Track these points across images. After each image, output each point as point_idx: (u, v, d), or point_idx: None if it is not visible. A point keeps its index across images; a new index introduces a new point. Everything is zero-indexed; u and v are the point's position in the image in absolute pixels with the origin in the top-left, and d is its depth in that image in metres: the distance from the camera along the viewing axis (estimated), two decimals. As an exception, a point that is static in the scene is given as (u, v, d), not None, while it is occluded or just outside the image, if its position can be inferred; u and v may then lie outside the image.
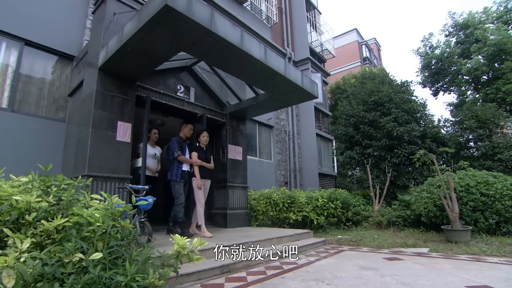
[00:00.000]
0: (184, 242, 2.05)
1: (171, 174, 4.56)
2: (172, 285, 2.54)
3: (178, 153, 4.56)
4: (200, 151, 4.85)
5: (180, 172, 4.55)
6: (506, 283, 2.53)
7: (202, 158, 4.81)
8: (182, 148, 4.67)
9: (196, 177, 4.63)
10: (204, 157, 4.85)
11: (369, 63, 27.04)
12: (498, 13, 12.61)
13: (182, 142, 4.76)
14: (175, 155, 4.55)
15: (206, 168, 4.86)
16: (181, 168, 4.57)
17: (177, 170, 4.55)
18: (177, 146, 4.61)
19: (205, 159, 4.86)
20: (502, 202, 5.02)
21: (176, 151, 4.56)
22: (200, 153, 4.81)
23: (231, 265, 3.15)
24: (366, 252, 4.41)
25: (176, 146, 4.60)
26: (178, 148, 4.59)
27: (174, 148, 4.58)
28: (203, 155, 4.86)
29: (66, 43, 5.78)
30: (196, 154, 4.74)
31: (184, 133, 4.89)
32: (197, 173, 4.66)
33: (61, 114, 5.69)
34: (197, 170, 4.66)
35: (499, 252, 3.90)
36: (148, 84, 5.18)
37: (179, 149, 4.61)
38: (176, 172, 4.55)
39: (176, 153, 4.55)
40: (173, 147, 4.59)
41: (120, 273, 1.89)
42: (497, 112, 8.77)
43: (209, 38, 3.53)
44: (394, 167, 7.95)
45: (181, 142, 4.71)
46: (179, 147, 4.63)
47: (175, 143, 4.62)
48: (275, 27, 12.22)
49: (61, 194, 2.45)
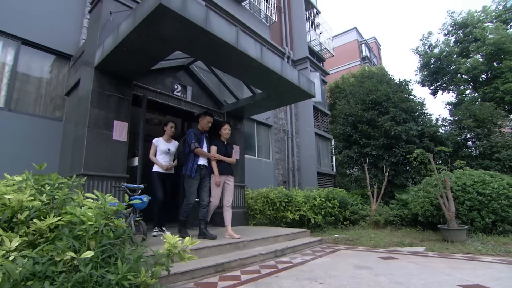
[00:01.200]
0: (175, 241, 2.06)
1: (186, 169, 4.21)
2: (165, 284, 2.54)
3: (195, 145, 4.17)
4: (220, 144, 4.53)
5: (195, 167, 4.16)
6: (498, 282, 2.53)
7: (222, 152, 4.48)
8: (199, 140, 4.30)
9: (215, 174, 4.31)
10: (224, 151, 4.51)
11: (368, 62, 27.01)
12: (497, 12, 12.60)
13: (200, 134, 4.39)
14: (192, 147, 4.17)
15: (226, 163, 4.50)
16: (196, 162, 4.19)
17: (192, 164, 4.16)
18: (194, 138, 4.25)
19: (226, 153, 4.52)
20: (498, 201, 5.02)
21: (193, 143, 4.18)
22: (220, 147, 4.49)
23: (225, 264, 3.15)
24: (362, 251, 4.41)
25: (193, 138, 4.24)
26: (195, 140, 4.23)
27: (191, 140, 4.23)
28: (224, 149, 4.53)
29: (63, 42, 5.78)
30: (215, 148, 4.42)
31: (201, 125, 4.50)
32: (215, 169, 4.33)
33: (58, 113, 5.69)
34: (215, 166, 4.34)
35: (494, 251, 3.91)
36: (145, 83, 5.18)
37: (196, 141, 4.25)
38: (191, 166, 4.16)
39: (193, 145, 4.17)
40: (189, 139, 4.24)
41: (111, 271, 1.90)
42: (495, 111, 8.78)
43: (205, 37, 3.54)
44: (392, 166, 7.96)
45: (198, 134, 4.35)
46: (196, 139, 4.27)
47: (192, 135, 4.27)
48: (273, 26, 12.22)
49: (54, 193, 2.45)
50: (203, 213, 4.16)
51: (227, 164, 4.51)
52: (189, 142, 4.22)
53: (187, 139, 4.29)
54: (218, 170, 4.35)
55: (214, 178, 4.34)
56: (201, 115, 4.58)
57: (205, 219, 4.16)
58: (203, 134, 4.45)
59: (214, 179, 4.32)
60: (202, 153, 4.26)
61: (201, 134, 4.40)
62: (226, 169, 4.49)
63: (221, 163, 4.42)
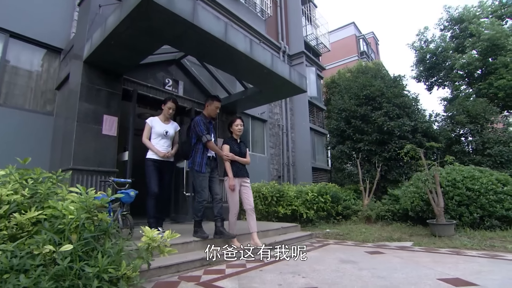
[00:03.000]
0: (154, 234, 2.07)
1: (192, 162, 3.70)
2: (149, 277, 2.57)
3: (207, 137, 3.63)
4: (232, 143, 3.96)
5: (205, 161, 3.66)
6: (477, 276, 2.57)
7: (236, 151, 3.90)
8: (209, 130, 3.76)
9: (229, 176, 3.76)
10: (237, 150, 3.94)
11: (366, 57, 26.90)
12: (493, 8, 12.58)
13: (208, 123, 3.84)
14: (203, 140, 3.63)
15: (241, 163, 3.94)
16: (206, 155, 3.69)
17: (201, 158, 3.65)
18: (204, 128, 3.68)
19: (239, 152, 3.95)
20: (486, 196, 5.07)
21: (205, 135, 3.63)
22: (232, 146, 3.92)
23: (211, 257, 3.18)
24: (350, 246, 4.46)
25: (203, 128, 3.65)
26: (206, 131, 3.67)
27: (201, 130, 3.64)
28: (237, 148, 3.96)
29: (53, 35, 5.72)
30: (227, 147, 3.87)
31: (208, 111, 3.91)
32: (229, 171, 3.77)
33: (49, 108, 5.66)
34: (229, 167, 3.78)
35: (479, 246, 3.96)
36: (135, 77, 5.16)
37: (208, 132, 3.70)
38: (200, 160, 3.64)
39: (205, 137, 3.63)
40: (199, 130, 3.65)
41: (91, 264, 1.91)
42: (487, 107, 8.81)
43: (192, 31, 3.52)
44: (385, 162, 7.99)
45: (206, 123, 3.78)
46: (206, 129, 3.71)
47: (201, 124, 3.68)
48: (269, 20, 12.14)
49: (38, 187, 2.46)
50: (219, 209, 3.68)
51: (241, 165, 3.95)
52: (198, 133, 3.67)
53: (195, 129, 3.71)
54: (232, 172, 3.80)
55: (226, 182, 3.82)
56: (208, 99, 4.00)
57: (222, 215, 3.68)
58: (211, 122, 3.94)
59: (228, 183, 3.77)
60: (215, 148, 3.75)
61: (209, 122, 3.87)
62: (242, 170, 3.93)
63: (235, 164, 3.87)
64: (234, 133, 4.05)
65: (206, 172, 3.66)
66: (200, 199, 3.66)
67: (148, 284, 2.42)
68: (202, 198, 3.65)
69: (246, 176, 3.98)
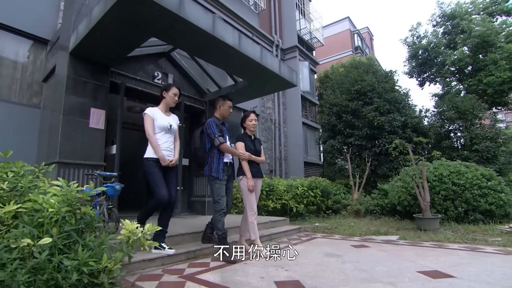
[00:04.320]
0: (133, 227, 2.08)
1: (209, 169, 3.38)
2: (133, 270, 2.58)
3: (219, 140, 3.33)
4: (247, 140, 3.64)
5: (222, 166, 3.36)
6: (455, 268, 2.64)
7: (251, 149, 3.58)
8: (222, 132, 3.47)
9: (247, 176, 3.43)
10: (252, 148, 3.61)
11: (360, 52, 26.93)
12: (485, 4, 12.66)
13: (221, 124, 3.54)
14: (216, 142, 3.32)
15: (257, 163, 3.64)
16: (222, 160, 3.38)
17: (217, 164, 3.35)
18: (217, 130, 3.39)
19: (255, 150, 3.62)
20: (471, 191, 5.17)
21: (217, 137, 3.33)
22: (247, 143, 3.60)
23: (197, 251, 3.20)
24: (337, 239, 4.52)
25: (215, 131, 3.36)
26: (218, 133, 3.38)
27: (213, 133, 3.35)
28: (252, 145, 3.62)
29: (40, 26, 5.60)
30: (242, 145, 3.55)
31: (221, 112, 3.59)
32: (247, 171, 3.45)
33: (36, 100, 5.57)
34: (247, 167, 3.46)
35: (461, 239, 4.05)
36: (124, 70, 5.10)
37: (220, 135, 3.41)
38: (217, 166, 3.35)
39: (217, 140, 3.32)
40: (212, 132, 3.36)
41: (71, 257, 1.91)
42: (476, 104, 8.93)
43: (179, 24, 3.48)
44: (375, 157, 8.07)
45: (219, 125, 3.48)
46: (219, 131, 3.42)
47: (213, 127, 3.38)
48: (262, 14, 12.04)
49: (18, 180, 2.43)
50: (215, 221, 3.33)
51: (257, 165, 3.66)
52: (211, 136, 3.37)
53: (207, 132, 3.41)
54: None
55: (243, 181, 3.49)
56: (218, 100, 3.66)
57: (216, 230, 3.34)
58: (224, 124, 3.64)
59: (247, 183, 3.44)
60: (230, 150, 3.44)
61: (222, 124, 3.57)
62: (258, 171, 3.64)
63: (252, 164, 3.55)
64: (248, 129, 3.70)
65: (223, 179, 3.36)
66: (218, 209, 3.30)
67: (132, 277, 2.42)
68: (221, 208, 3.30)
69: (260, 177, 3.69)
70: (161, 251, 2.94)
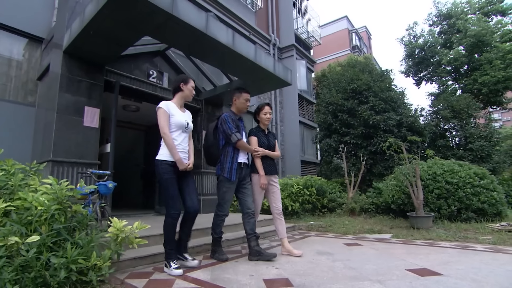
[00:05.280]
0: (121, 225, 2.09)
1: (221, 168, 3.11)
2: (123, 268, 2.59)
3: (237, 136, 3.05)
4: (260, 134, 3.41)
5: (235, 166, 3.09)
6: (444, 266, 2.66)
7: (265, 144, 3.36)
8: (238, 128, 3.19)
9: (260, 173, 3.22)
10: (266, 142, 3.39)
11: (358, 51, 26.95)
12: (480, 4, 12.71)
13: (237, 119, 3.28)
14: (233, 139, 3.04)
15: (271, 158, 3.42)
16: (236, 160, 3.12)
17: (231, 163, 3.08)
18: (234, 126, 3.11)
19: (268, 145, 3.40)
20: (464, 190, 5.20)
21: (234, 133, 3.05)
22: (261, 138, 3.37)
23: (189, 249, 3.20)
24: (330, 238, 4.54)
25: (232, 126, 3.08)
26: (235, 129, 3.10)
27: (229, 128, 3.06)
28: (265, 140, 3.40)
29: (34, 24, 5.59)
30: (255, 140, 3.33)
31: (237, 106, 3.31)
32: (260, 167, 3.23)
33: (31, 99, 5.56)
34: (260, 164, 3.25)
35: (453, 237, 4.08)
36: (118, 68, 5.10)
37: (237, 131, 3.13)
38: (230, 165, 3.07)
39: (234, 136, 3.04)
40: (228, 128, 3.07)
41: (59, 255, 1.92)
42: (471, 103, 8.97)
43: (172, 22, 3.49)
44: (371, 155, 8.10)
45: (235, 120, 3.22)
46: (235, 126, 3.15)
47: (229, 122, 3.10)
48: (259, 12, 12.03)
49: (9, 178, 2.44)
50: (252, 225, 3.12)
51: (271, 160, 3.43)
52: (227, 132, 3.07)
53: (222, 127, 3.13)
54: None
55: (255, 179, 3.29)
56: (234, 92, 3.37)
57: (255, 233, 3.13)
58: (241, 119, 3.37)
59: (259, 181, 3.24)
60: (246, 147, 3.18)
61: (238, 119, 3.32)
62: (271, 167, 3.40)
63: (266, 159, 3.34)
64: (261, 123, 3.47)
65: (234, 182, 3.09)
66: (220, 213, 3.11)
67: (122, 275, 2.44)
68: (223, 212, 3.11)
69: (275, 174, 3.45)
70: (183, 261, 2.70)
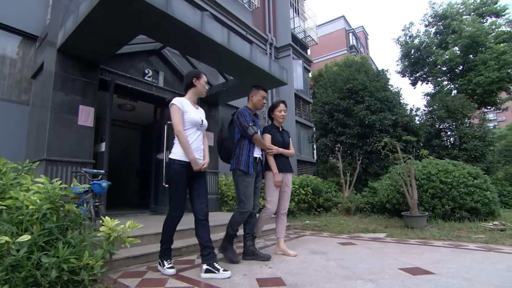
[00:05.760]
0: (113, 224, 2.08)
1: (236, 162, 3.01)
2: (117, 267, 2.58)
3: (253, 129, 3.00)
4: (275, 132, 3.37)
5: (252, 160, 3.01)
6: (436, 264, 2.68)
7: (279, 142, 3.32)
8: (255, 123, 3.14)
9: (273, 172, 3.18)
10: (281, 140, 3.34)
11: (355, 51, 27.03)
12: (475, 5, 12.81)
13: (253, 115, 3.23)
14: (249, 132, 2.98)
15: (285, 156, 3.37)
16: (252, 154, 3.05)
17: (247, 156, 2.99)
18: (250, 119, 3.07)
19: (283, 143, 3.35)
20: (458, 189, 5.24)
21: (250, 126, 3.00)
22: (275, 135, 3.33)
23: (183, 248, 3.21)
24: (325, 237, 4.55)
25: (249, 119, 3.04)
26: (252, 123, 3.06)
27: (246, 121, 3.01)
28: (280, 137, 3.36)
29: (29, 22, 5.55)
30: (269, 137, 3.28)
31: (254, 103, 3.28)
32: (273, 166, 3.19)
33: (25, 97, 5.52)
34: (273, 161, 3.21)
35: (446, 237, 4.11)
36: (114, 67, 5.08)
37: (254, 124, 3.09)
38: (246, 159, 2.98)
39: (251, 129, 2.99)
40: (245, 120, 3.02)
41: (51, 255, 1.91)
42: (466, 103, 9.04)
43: (166, 21, 3.48)
44: (366, 155, 8.13)
45: (252, 115, 3.17)
46: (252, 120, 3.10)
47: (246, 115, 3.07)
48: (256, 12, 12.03)
49: (0, 177, 2.43)
50: (251, 225, 3.11)
51: (286, 158, 3.39)
52: (243, 125, 3.01)
53: (238, 120, 3.06)
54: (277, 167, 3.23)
55: (269, 177, 3.24)
56: (251, 89, 3.33)
57: (254, 233, 3.14)
58: (257, 115, 3.30)
59: (274, 179, 3.19)
60: (261, 142, 3.12)
61: (254, 115, 3.25)
62: (286, 165, 3.36)
63: (280, 157, 3.29)
64: (276, 120, 3.45)
65: (252, 175, 2.99)
66: (243, 210, 2.93)
67: (115, 274, 2.43)
68: (246, 209, 2.93)
69: (290, 172, 3.41)
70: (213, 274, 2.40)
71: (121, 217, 4.48)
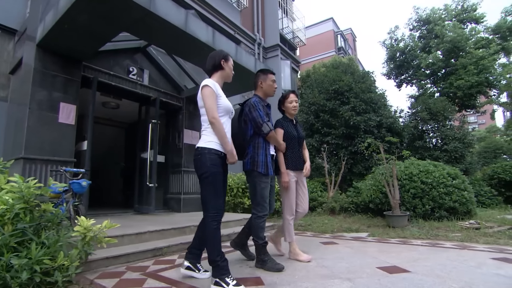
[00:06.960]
0: (89, 224, 2.05)
1: (251, 163, 2.68)
2: (95, 268, 2.54)
3: (269, 126, 2.68)
4: (288, 125, 3.04)
5: (269, 159, 2.72)
6: (413, 263, 2.75)
7: (294, 136, 3.03)
8: (268, 117, 2.82)
9: (281, 170, 2.88)
10: (295, 134, 3.05)
11: (343, 53, 27.32)
12: (456, 11, 13.21)
13: (265, 106, 2.85)
14: (266, 129, 2.66)
15: (298, 152, 3.08)
16: (269, 152, 2.76)
17: (264, 156, 2.69)
18: (265, 113, 2.74)
19: (298, 137, 3.07)
20: (437, 189, 5.38)
21: (266, 123, 2.67)
22: (289, 129, 3.01)
23: (165, 248, 3.18)
24: (308, 236, 4.59)
25: (263, 114, 2.70)
26: (266, 117, 2.75)
27: (261, 116, 2.67)
28: (294, 131, 3.06)
29: (7, 15, 5.39)
30: (282, 133, 2.96)
31: (264, 90, 2.91)
32: (282, 164, 2.90)
33: (3, 93, 5.35)
34: (282, 158, 2.90)
35: (425, 235, 4.21)
36: (97, 64, 4.98)
37: (268, 119, 2.78)
38: (264, 159, 2.68)
39: (266, 126, 2.66)
40: (258, 116, 2.66)
41: (22, 256, 1.86)
42: (447, 106, 9.30)
43: (150, 19, 3.44)
44: (351, 155, 8.25)
45: (265, 107, 2.82)
46: (266, 114, 2.77)
47: (260, 109, 2.70)
48: (245, 11, 12.01)
49: (-28, 176, 2.34)
50: (256, 228, 2.74)
51: (301, 154, 3.12)
52: (257, 121, 2.66)
53: (251, 114, 2.70)
54: (288, 164, 2.95)
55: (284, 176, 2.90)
56: (259, 75, 2.95)
57: (255, 239, 2.72)
58: (269, 106, 2.93)
59: (282, 177, 2.88)
60: (277, 141, 2.83)
61: (266, 106, 2.89)
62: (300, 161, 3.06)
63: (295, 152, 3.03)
64: (287, 112, 3.14)
65: (271, 176, 2.74)
66: (261, 213, 2.67)
67: (92, 275, 2.39)
68: (264, 212, 2.69)
69: (302, 169, 3.09)
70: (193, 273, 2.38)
71: (104, 216, 4.40)
